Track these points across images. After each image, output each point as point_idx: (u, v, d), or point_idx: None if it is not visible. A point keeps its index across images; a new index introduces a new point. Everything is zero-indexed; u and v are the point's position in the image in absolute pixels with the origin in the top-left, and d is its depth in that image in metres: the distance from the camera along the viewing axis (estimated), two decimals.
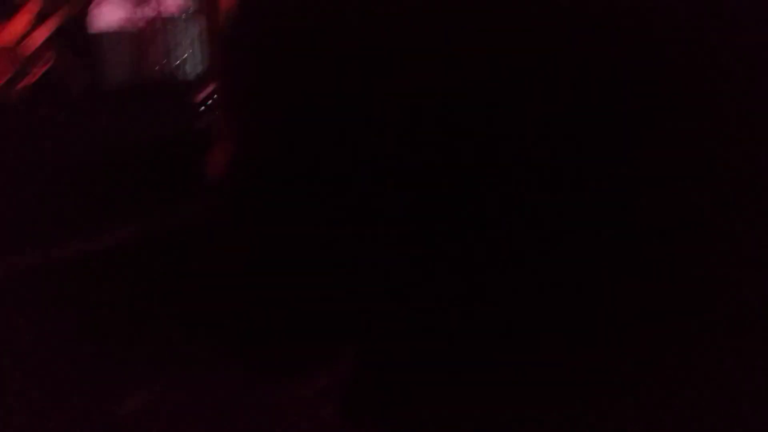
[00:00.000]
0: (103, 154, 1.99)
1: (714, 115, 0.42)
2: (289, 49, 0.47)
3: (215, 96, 3.59)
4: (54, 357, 1.69)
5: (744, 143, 0.42)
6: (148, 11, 5.02)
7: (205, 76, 4.69)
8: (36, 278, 1.78)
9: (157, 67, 4.80)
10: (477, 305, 0.44)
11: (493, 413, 0.48)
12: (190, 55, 4.79)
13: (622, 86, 0.42)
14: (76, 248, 1.82)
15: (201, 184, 2.18)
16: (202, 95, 5.05)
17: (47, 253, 1.79)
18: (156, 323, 1.79)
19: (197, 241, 0.60)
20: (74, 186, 1.94)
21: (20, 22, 3.59)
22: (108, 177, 2.00)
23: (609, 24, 0.42)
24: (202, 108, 4.59)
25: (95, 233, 1.88)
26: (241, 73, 0.52)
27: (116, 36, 5.35)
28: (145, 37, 4.95)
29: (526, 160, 0.42)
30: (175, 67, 4.72)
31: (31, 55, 3.63)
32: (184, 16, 4.88)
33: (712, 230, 0.42)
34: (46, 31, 3.71)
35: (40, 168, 1.90)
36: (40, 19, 3.70)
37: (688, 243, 0.44)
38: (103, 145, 2.00)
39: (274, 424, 1.48)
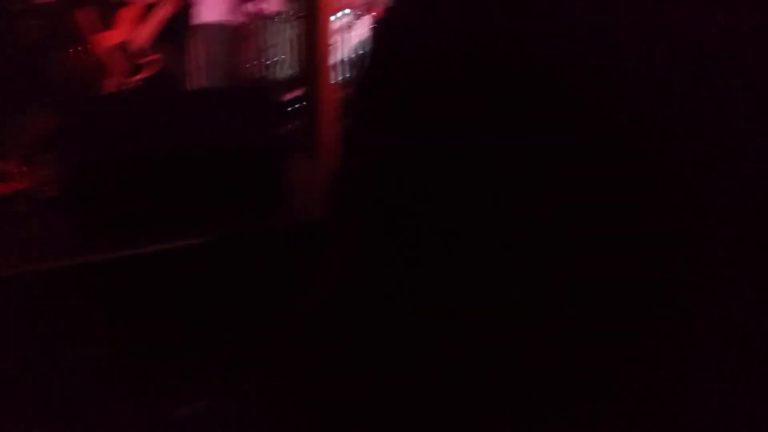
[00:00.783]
0: (187, 154, 2.04)
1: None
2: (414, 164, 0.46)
3: (303, 101, 3.64)
4: (115, 356, 1.74)
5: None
6: (248, 9, 5.14)
7: (296, 78, 4.77)
8: (110, 274, 1.84)
9: (250, 65, 4.91)
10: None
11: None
12: (283, 56, 4.88)
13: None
14: (156, 247, 1.88)
15: (284, 191, 2.22)
16: (291, 97, 5.14)
17: (127, 250, 1.85)
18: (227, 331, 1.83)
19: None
20: (160, 185, 2.00)
21: (128, 20, 3.74)
22: (192, 177, 2.05)
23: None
24: (290, 111, 4.67)
25: (176, 234, 1.93)
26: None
27: (214, 31, 5.51)
28: (243, 34, 5.08)
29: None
30: (268, 66, 4.81)
31: (138, 52, 3.77)
32: (280, 17, 4.97)
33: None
34: (152, 29, 3.85)
35: (130, 163, 1.97)
36: (146, 16, 3.84)
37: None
38: (188, 145, 2.05)
39: None
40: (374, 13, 5.16)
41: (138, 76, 3.75)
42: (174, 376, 1.78)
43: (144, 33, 3.78)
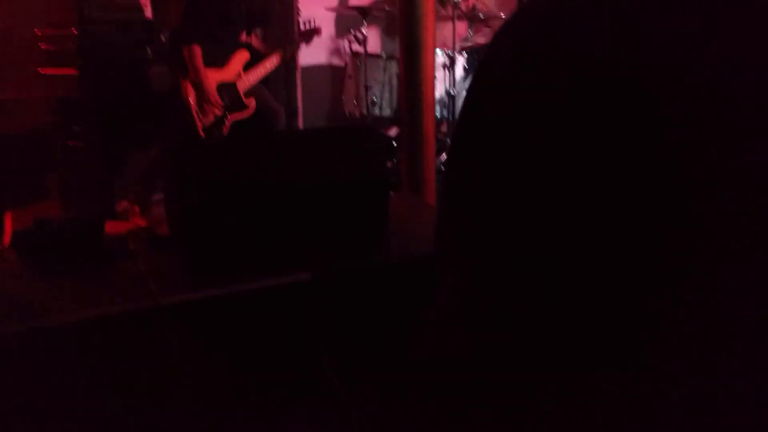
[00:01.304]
0: (289, 191, 2.06)
1: None
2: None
3: (403, 139, 3.65)
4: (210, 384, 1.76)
5: None
6: (349, 50, 5.26)
7: (397, 116, 4.82)
8: (218, 311, 1.87)
9: (352, 104, 5.00)
10: None
11: None
12: (384, 95, 4.93)
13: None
14: (262, 284, 1.90)
15: (386, 228, 2.22)
16: (392, 135, 5.20)
17: (234, 287, 1.88)
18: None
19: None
20: (266, 222, 2.03)
21: (240, 61, 3.90)
22: (295, 215, 2.07)
23: None
24: (391, 148, 4.71)
25: (282, 270, 1.95)
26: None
27: (317, 71, 5.68)
28: (344, 74, 5.20)
29: None
30: (370, 105, 4.87)
31: (247, 92, 3.92)
32: (380, 58, 5.05)
33: None
34: (263, 71, 4.00)
35: (237, 202, 2.01)
36: (258, 58, 4.00)
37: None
38: (290, 183, 2.08)
39: None
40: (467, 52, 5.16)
41: (245, 115, 3.89)
42: (277, 411, 1.78)
43: (254, 75, 3.93)
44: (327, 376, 1.85)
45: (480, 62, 0.50)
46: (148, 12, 4.08)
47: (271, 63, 4.03)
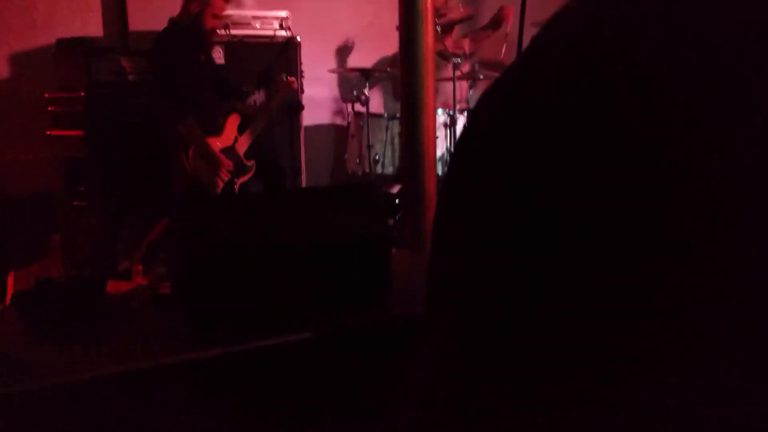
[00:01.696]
0: (291, 250, 2.07)
1: None
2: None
3: (405, 196, 3.67)
4: None
5: None
6: (352, 110, 5.35)
7: (399, 174, 4.86)
8: (218, 370, 1.86)
9: (355, 162, 5.05)
10: None
11: None
12: (386, 153, 4.99)
13: None
14: (262, 343, 1.88)
15: (387, 285, 2.22)
16: (394, 192, 5.24)
17: (234, 346, 1.87)
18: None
19: None
20: (267, 280, 2.03)
21: (233, 124, 3.96)
22: (296, 273, 2.07)
23: None
24: (393, 206, 4.74)
25: (283, 329, 1.94)
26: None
27: (320, 131, 5.75)
28: (347, 133, 5.27)
29: None
30: (372, 163, 4.92)
31: (247, 153, 3.97)
32: (382, 117, 5.12)
33: None
34: (256, 130, 4.06)
35: (238, 261, 2.01)
36: (248, 118, 4.06)
37: None
38: (292, 241, 2.08)
39: None
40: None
41: (244, 177, 3.92)
42: None
43: (249, 136, 3.97)
44: None
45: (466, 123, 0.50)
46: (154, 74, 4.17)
47: (263, 119, 4.07)
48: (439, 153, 4.40)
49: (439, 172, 4.58)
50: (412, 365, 0.48)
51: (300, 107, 4.39)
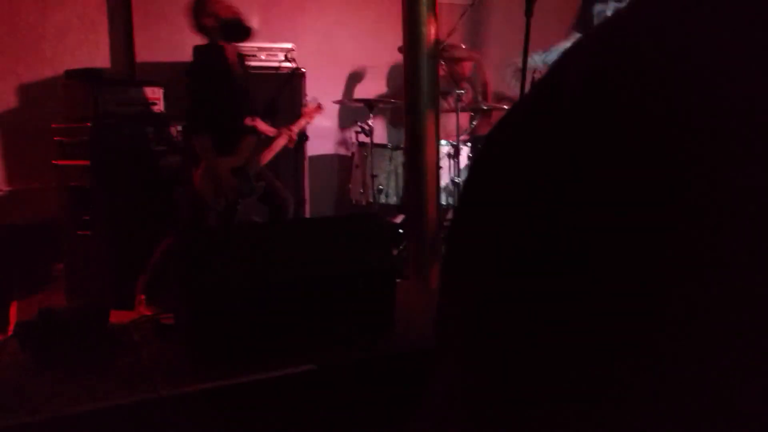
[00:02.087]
0: (296, 281, 2.06)
1: None
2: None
3: (409, 227, 3.67)
4: None
5: None
6: (356, 140, 5.37)
7: (401, 204, 4.88)
8: (222, 402, 1.84)
9: (359, 192, 5.06)
10: None
11: None
12: (390, 184, 5.00)
13: None
14: (265, 375, 1.87)
15: (392, 316, 2.21)
16: (397, 222, 5.24)
17: (238, 378, 1.85)
18: None
19: None
20: (271, 312, 2.02)
21: (249, 145, 3.99)
22: (301, 304, 2.07)
23: None
24: (397, 235, 4.74)
25: (287, 361, 1.93)
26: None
27: (324, 161, 5.78)
28: (351, 163, 5.29)
29: None
30: (376, 193, 4.93)
31: (257, 175, 3.99)
32: (386, 148, 5.14)
33: None
34: (271, 154, 4.08)
35: (242, 291, 2.01)
36: (266, 141, 4.09)
37: None
38: (297, 272, 2.08)
39: None
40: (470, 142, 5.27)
41: (255, 197, 3.94)
42: None
43: (263, 158, 4.01)
44: None
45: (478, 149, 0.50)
46: (161, 105, 4.20)
47: (278, 144, 4.10)
48: (442, 183, 4.41)
49: (443, 202, 4.59)
50: (424, 395, 0.48)
51: (305, 137, 4.43)
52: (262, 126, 4.17)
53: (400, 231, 4.73)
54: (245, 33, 3.91)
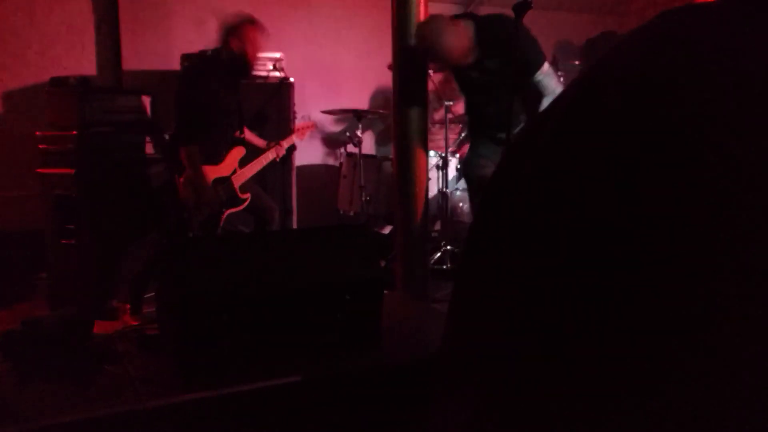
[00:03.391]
0: (282, 291, 2.05)
1: None
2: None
3: (397, 237, 3.66)
4: None
5: None
6: (344, 151, 5.37)
7: (389, 215, 4.87)
8: (206, 413, 1.82)
9: (347, 202, 5.05)
10: None
11: None
12: (378, 194, 5.00)
13: None
14: (251, 386, 1.85)
15: (379, 328, 2.19)
16: (385, 233, 5.23)
17: (223, 389, 1.83)
18: None
19: None
20: (256, 322, 2.00)
21: (236, 156, 3.98)
22: (288, 315, 2.05)
23: None
24: (385, 246, 4.73)
25: (272, 372, 1.91)
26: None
27: (312, 171, 5.78)
28: (339, 173, 5.29)
29: None
30: (364, 203, 4.93)
31: (243, 186, 3.97)
32: (374, 159, 5.15)
33: None
34: (259, 166, 4.08)
35: (228, 301, 1.99)
36: (254, 153, 4.08)
37: None
38: (283, 283, 2.07)
39: None
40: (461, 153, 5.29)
41: (239, 209, 3.92)
42: None
43: (250, 170, 3.99)
44: None
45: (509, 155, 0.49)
46: (148, 114, 4.18)
47: (266, 158, 4.10)
48: (430, 194, 4.42)
49: (431, 213, 4.59)
50: (439, 411, 0.46)
51: (292, 147, 4.42)
52: (252, 138, 4.17)
53: (388, 242, 4.73)
54: (245, 72, 3.94)
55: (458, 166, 5.07)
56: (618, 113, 0.42)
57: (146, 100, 4.19)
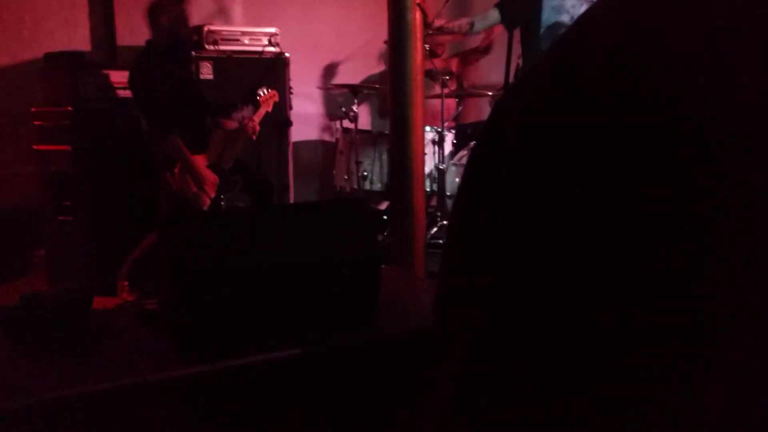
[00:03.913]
0: (279, 266, 2.06)
1: None
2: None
3: (394, 213, 3.68)
4: None
5: None
6: (340, 126, 5.35)
7: (385, 191, 4.87)
8: (205, 386, 1.84)
9: (343, 178, 5.05)
10: None
11: None
12: (374, 170, 4.99)
13: None
14: (249, 359, 1.87)
15: (376, 302, 2.21)
16: (382, 208, 5.24)
17: (221, 362, 1.85)
18: None
19: None
20: (254, 297, 2.01)
21: (218, 141, 3.98)
22: (284, 290, 2.06)
23: None
24: (381, 221, 4.74)
25: (270, 345, 1.92)
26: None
27: (308, 147, 5.76)
28: (335, 149, 5.28)
29: None
30: (360, 179, 4.93)
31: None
32: (371, 134, 5.13)
33: None
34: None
35: (226, 277, 2.00)
36: (231, 134, 4.08)
37: None
38: (280, 258, 2.07)
39: None
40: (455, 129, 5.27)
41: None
42: None
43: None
44: None
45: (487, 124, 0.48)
46: None
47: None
48: (427, 170, 4.41)
49: (427, 188, 4.59)
50: (428, 380, 0.47)
51: (288, 123, 4.40)
52: (224, 121, 4.14)
53: (385, 217, 4.73)
54: (185, 49, 3.89)
55: (454, 141, 5.06)
56: (594, 85, 0.42)
57: None
